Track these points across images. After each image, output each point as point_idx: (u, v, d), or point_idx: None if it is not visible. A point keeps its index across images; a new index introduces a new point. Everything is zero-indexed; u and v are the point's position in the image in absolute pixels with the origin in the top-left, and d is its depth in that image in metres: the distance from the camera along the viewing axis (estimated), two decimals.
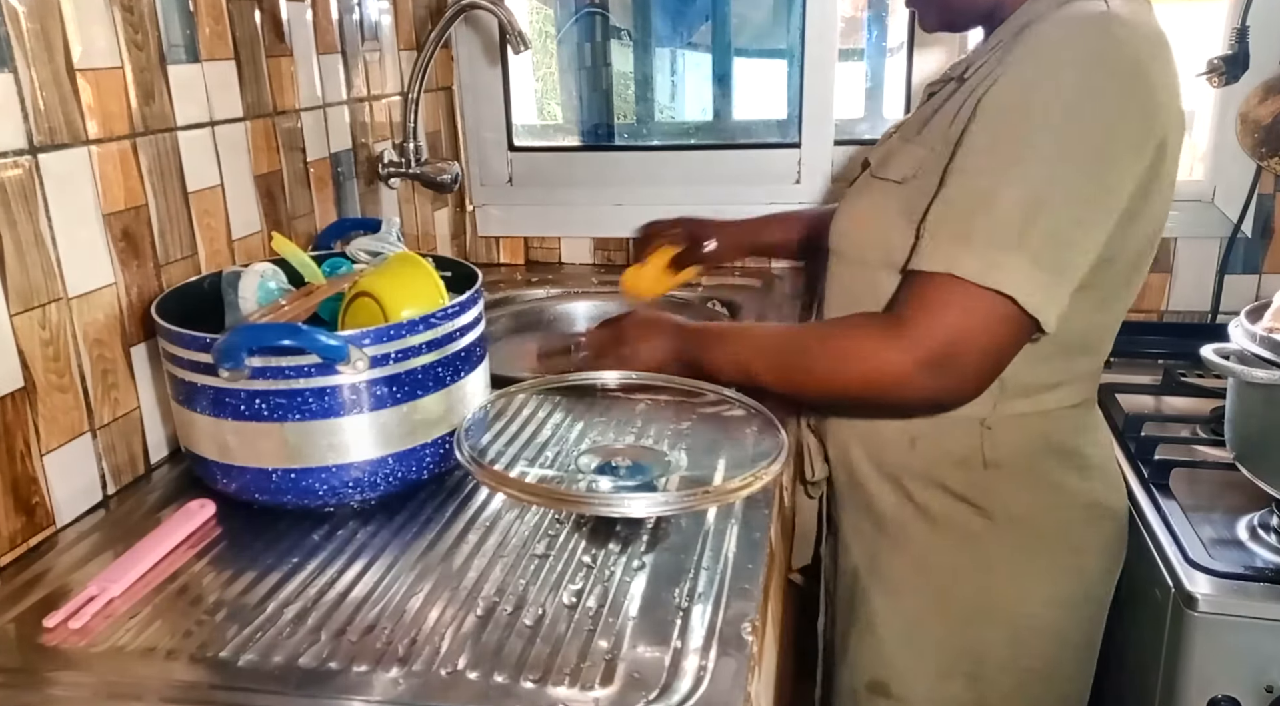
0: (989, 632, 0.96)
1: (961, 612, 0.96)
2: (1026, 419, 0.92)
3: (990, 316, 0.79)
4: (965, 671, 0.96)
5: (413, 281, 0.87)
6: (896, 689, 0.98)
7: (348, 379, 0.77)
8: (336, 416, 0.78)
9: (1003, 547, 0.94)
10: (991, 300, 0.78)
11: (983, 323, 0.79)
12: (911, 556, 0.97)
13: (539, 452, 0.92)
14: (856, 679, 1.01)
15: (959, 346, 0.79)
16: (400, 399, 0.80)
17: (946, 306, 0.79)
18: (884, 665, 0.99)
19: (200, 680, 0.62)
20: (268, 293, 0.92)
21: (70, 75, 0.81)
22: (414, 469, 0.83)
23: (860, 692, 1.01)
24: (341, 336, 0.76)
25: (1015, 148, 0.79)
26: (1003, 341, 0.81)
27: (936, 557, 0.96)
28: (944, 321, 0.79)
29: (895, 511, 0.98)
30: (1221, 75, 1.43)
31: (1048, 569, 0.95)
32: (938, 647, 0.97)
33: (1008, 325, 0.79)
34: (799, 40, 1.59)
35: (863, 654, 1.01)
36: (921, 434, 0.95)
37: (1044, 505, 0.94)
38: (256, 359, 0.75)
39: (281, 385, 0.76)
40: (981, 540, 0.94)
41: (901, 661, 0.98)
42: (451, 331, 0.83)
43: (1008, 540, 0.94)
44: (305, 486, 0.79)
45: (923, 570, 0.97)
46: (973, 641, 0.96)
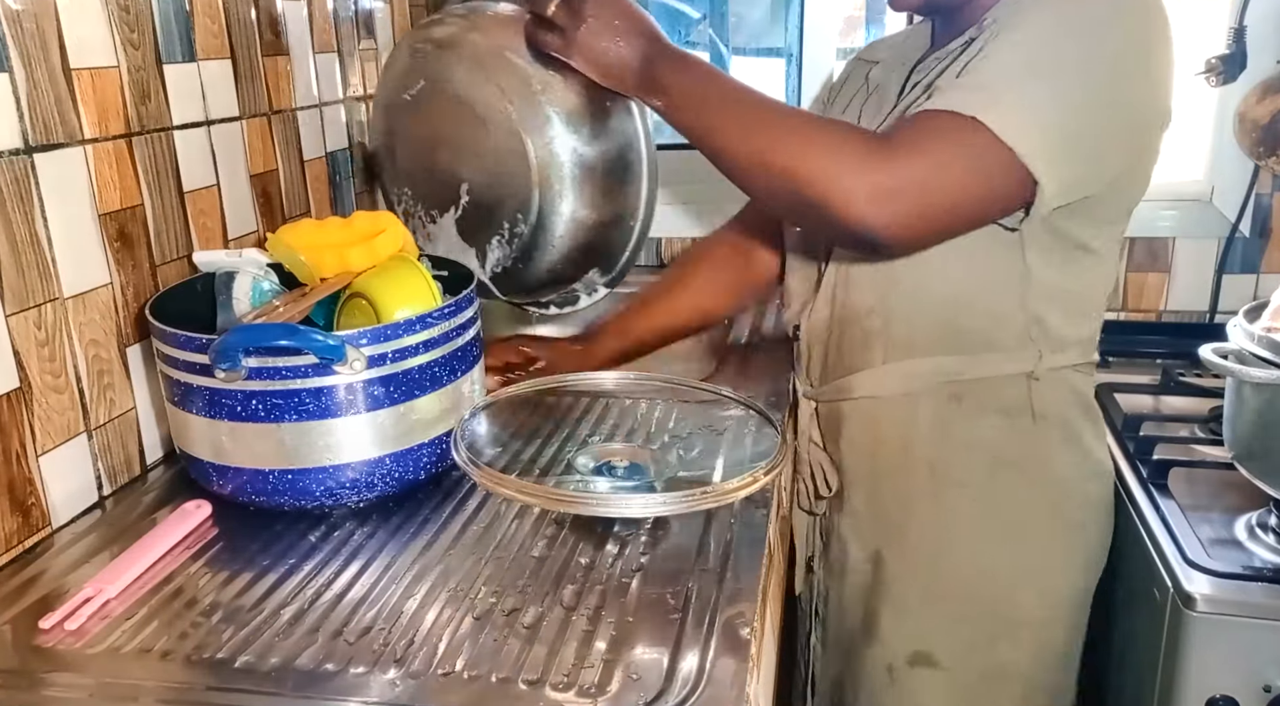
0: (1026, 596, 0.97)
1: (998, 579, 0.97)
2: (1064, 373, 0.94)
3: (984, 165, 0.75)
4: (1012, 636, 0.98)
5: (407, 282, 0.87)
6: (944, 658, 0.99)
7: (344, 379, 0.77)
8: (333, 417, 0.77)
9: (1033, 509, 0.96)
10: (995, 149, 0.74)
11: (973, 168, 0.75)
12: (944, 531, 0.97)
13: (536, 453, 0.92)
14: (891, 654, 1.01)
15: (934, 182, 0.76)
16: (397, 399, 0.80)
17: (943, 141, 0.75)
18: (922, 638, 1.00)
19: (196, 681, 0.62)
20: (261, 293, 0.92)
21: (66, 74, 0.81)
22: (411, 469, 0.83)
23: (898, 668, 1.01)
24: (339, 336, 0.75)
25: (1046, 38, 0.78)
26: (981, 197, 0.78)
27: (969, 528, 0.97)
28: (933, 155, 0.75)
29: (929, 489, 0.97)
30: (1219, 75, 1.43)
31: (1065, 526, 0.97)
32: (982, 615, 0.98)
33: (997, 179, 0.76)
34: (797, 39, 1.59)
35: (896, 632, 1.01)
36: (967, 391, 0.94)
37: (1074, 463, 0.96)
38: (253, 359, 0.75)
39: (278, 386, 0.76)
40: (1015, 504, 0.96)
41: (941, 632, 0.99)
42: (447, 331, 0.83)
43: (1038, 501, 0.96)
44: (302, 487, 0.79)
45: (957, 543, 0.97)
46: (1013, 607, 0.97)
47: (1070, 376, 0.95)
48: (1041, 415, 0.94)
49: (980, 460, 0.96)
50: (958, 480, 0.97)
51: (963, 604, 0.98)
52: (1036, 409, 0.94)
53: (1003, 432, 0.95)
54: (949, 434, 0.96)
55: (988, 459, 0.96)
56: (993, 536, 0.97)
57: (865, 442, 1.01)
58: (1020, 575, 0.97)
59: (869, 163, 0.75)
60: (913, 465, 0.98)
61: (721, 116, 0.84)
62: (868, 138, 0.79)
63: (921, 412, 0.96)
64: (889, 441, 0.99)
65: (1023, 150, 0.75)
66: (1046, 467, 0.96)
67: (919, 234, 0.80)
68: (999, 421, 0.94)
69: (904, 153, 0.75)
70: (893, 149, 0.76)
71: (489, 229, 1.03)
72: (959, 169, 0.76)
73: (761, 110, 0.84)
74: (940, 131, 0.76)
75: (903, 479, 0.99)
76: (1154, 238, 1.53)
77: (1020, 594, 0.98)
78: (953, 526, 0.97)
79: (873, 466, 1.01)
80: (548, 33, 0.91)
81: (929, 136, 0.76)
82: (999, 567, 0.97)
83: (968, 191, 0.77)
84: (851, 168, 0.75)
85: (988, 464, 0.96)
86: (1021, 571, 0.97)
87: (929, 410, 0.96)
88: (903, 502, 1.00)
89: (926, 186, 0.75)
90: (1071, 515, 0.98)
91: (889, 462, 1.00)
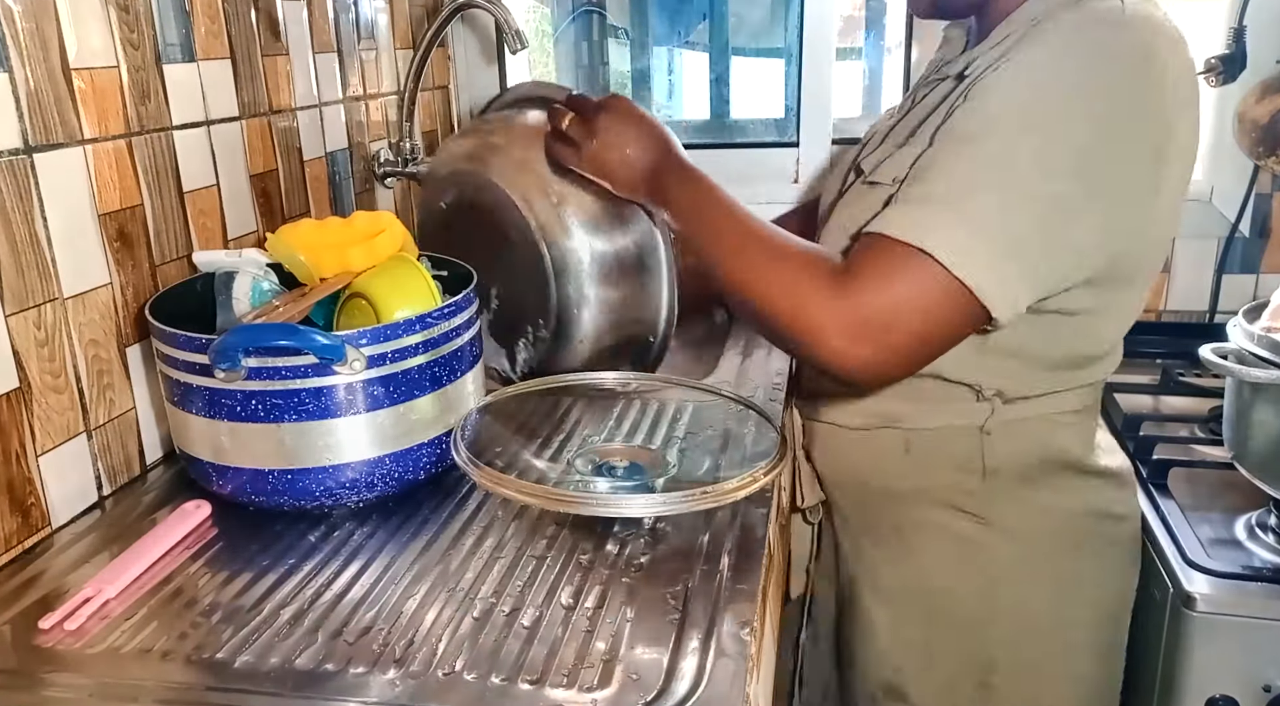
0: (994, 640, 0.94)
1: (965, 621, 0.94)
2: (1026, 424, 0.90)
3: (939, 298, 0.74)
4: (977, 678, 0.95)
5: (406, 282, 0.87)
6: (913, 694, 0.97)
7: (344, 379, 0.77)
8: (333, 417, 0.77)
9: (1001, 556, 0.92)
10: (946, 282, 0.73)
11: (929, 303, 0.74)
12: (910, 568, 0.95)
13: (535, 453, 0.92)
14: (871, 684, 1.00)
15: (896, 320, 0.75)
16: (397, 399, 0.80)
17: (897, 277, 0.74)
18: (895, 671, 0.98)
19: (196, 681, 0.62)
20: (261, 293, 0.92)
21: (66, 74, 0.81)
22: (410, 469, 0.83)
23: (878, 697, 1.00)
24: (338, 336, 0.75)
25: (1000, 133, 0.75)
26: (943, 327, 0.76)
27: (936, 568, 0.94)
28: (890, 291, 0.75)
29: (892, 523, 0.96)
30: (1219, 75, 1.43)
31: (1048, 576, 0.93)
32: (947, 655, 0.95)
33: (954, 312, 0.75)
34: (797, 39, 1.59)
35: (870, 662, 0.99)
36: (918, 441, 0.92)
37: (1043, 512, 0.92)
38: (252, 359, 0.75)
39: (278, 386, 0.76)
40: (981, 549, 0.92)
41: (911, 668, 0.97)
42: (447, 331, 0.83)
43: (1006, 548, 0.92)
44: (301, 488, 0.79)
45: (923, 581, 0.95)
46: (980, 648, 0.94)
47: (1037, 428, 0.90)
48: (993, 470, 0.90)
49: (934, 505, 0.93)
50: (916, 520, 0.94)
51: (927, 642, 0.96)
52: (988, 464, 0.90)
53: (952, 484, 0.92)
54: (903, 477, 0.94)
55: (941, 507, 0.93)
56: (955, 581, 0.94)
57: (833, 466, 1.01)
58: (987, 620, 0.94)
59: (833, 298, 0.76)
60: (873, 499, 0.97)
61: (713, 237, 0.86)
62: (831, 270, 0.78)
63: (877, 450, 0.95)
64: (851, 471, 0.99)
65: (972, 281, 0.73)
66: (1006, 523, 0.91)
67: (895, 368, 0.79)
68: (948, 473, 0.91)
69: (863, 288, 0.75)
70: (853, 284, 0.76)
71: (516, 332, 1.07)
72: (916, 304, 0.75)
73: (742, 235, 0.84)
74: (894, 264, 0.75)
75: (868, 507, 0.98)
76: None
77: (989, 640, 0.94)
78: (916, 563, 0.95)
79: (842, 490, 1.01)
80: (564, 146, 0.96)
81: (885, 271, 0.75)
82: (964, 609, 0.94)
83: (930, 323, 0.76)
84: (817, 303, 0.76)
85: (943, 510, 0.93)
86: (989, 617, 0.94)
87: (883, 450, 0.94)
88: (869, 531, 0.99)
89: (890, 325, 0.75)
90: (1054, 570, 0.93)
91: (853, 489, 0.99)
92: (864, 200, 0.88)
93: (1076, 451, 0.92)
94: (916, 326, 0.75)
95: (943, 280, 0.73)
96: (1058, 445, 0.91)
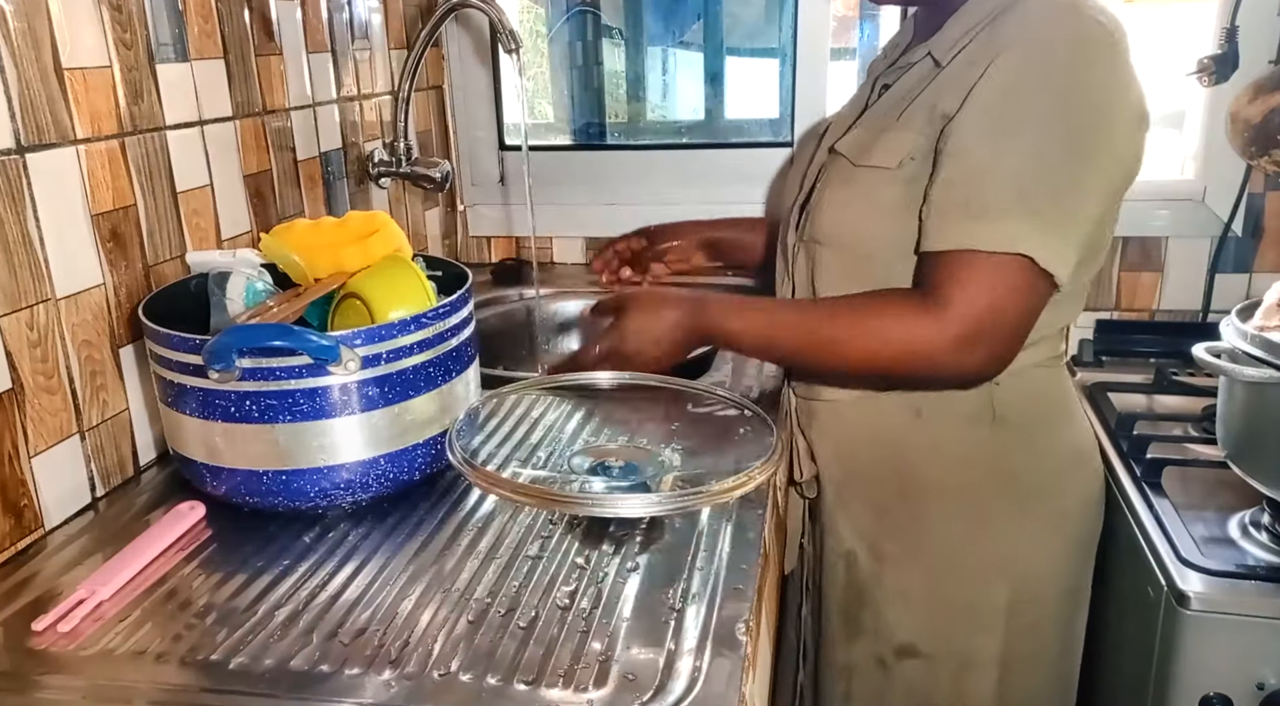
0: (998, 587, 0.99)
1: (970, 572, 0.99)
2: (1027, 371, 0.95)
3: (1016, 282, 0.82)
4: (986, 626, 1.00)
5: (401, 283, 0.87)
6: (925, 648, 1.02)
7: (339, 380, 0.76)
8: (328, 417, 0.77)
9: (999, 504, 0.97)
10: (1014, 266, 0.82)
11: (1010, 289, 0.82)
12: (915, 529, 1.00)
13: (531, 453, 0.92)
14: (881, 646, 1.04)
15: (994, 317, 0.83)
16: (391, 399, 0.79)
17: (973, 280, 0.82)
18: (907, 630, 1.02)
19: (190, 683, 0.62)
20: (255, 293, 0.92)
21: (58, 74, 0.81)
22: (406, 469, 0.82)
23: (888, 659, 1.04)
24: (333, 337, 0.75)
25: (1009, 123, 0.83)
26: (1030, 304, 0.84)
27: (939, 525, 0.99)
28: (976, 295, 0.82)
29: (896, 489, 1.00)
30: (1211, 75, 1.43)
31: (1037, 519, 0.99)
32: (956, 607, 1.00)
33: (1031, 287, 0.83)
34: (791, 39, 1.59)
35: (884, 623, 1.03)
36: (927, 405, 0.97)
37: (1039, 457, 0.98)
38: (247, 360, 0.75)
39: (272, 386, 0.75)
40: (981, 500, 0.97)
41: (924, 623, 1.02)
42: (442, 331, 0.83)
43: (1004, 496, 0.97)
44: (296, 488, 0.79)
45: (927, 540, 0.99)
46: (986, 597, 0.99)
47: (1034, 374, 0.97)
48: (1001, 418, 0.96)
49: (944, 462, 0.98)
50: (923, 481, 0.99)
51: (936, 598, 1.01)
52: (997, 412, 0.96)
53: (963, 437, 0.97)
54: (911, 439, 0.98)
55: (951, 461, 0.98)
56: (961, 534, 0.99)
57: (835, 441, 1.04)
58: (991, 569, 0.99)
59: (934, 322, 0.83)
60: (880, 466, 1.01)
61: (792, 343, 0.92)
62: (919, 298, 0.86)
63: (884, 416, 0.99)
64: (856, 442, 1.02)
65: (1052, 267, 0.82)
66: (1011, 466, 0.97)
67: (1008, 356, 0.86)
68: (959, 427, 0.97)
69: (959, 302, 0.83)
70: (949, 301, 0.83)
71: None
72: (1011, 300, 0.83)
73: (816, 321, 0.91)
74: (987, 272, 0.83)
75: (871, 478, 1.02)
76: (1147, 237, 1.53)
77: (992, 588, 0.99)
78: (921, 525, 0.99)
79: (843, 464, 1.04)
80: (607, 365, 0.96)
81: (978, 280, 0.83)
82: (968, 563, 0.99)
83: (1024, 310, 0.85)
84: (921, 333, 0.84)
85: (951, 466, 0.98)
86: (992, 566, 0.99)
87: (891, 415, 0.99)
88: (872, 502, 1.02)
89: (993, 324, 0.83)
90: (1043, 509, 0.99)
91: (857, 462, 1.03)
92: (858, 181, 0.94)
93: (1059, 396, 1.00)
94: (1013, 317, 0.84)
95: (1030, 273, 0.82)
96: (1050, 390, 0.99)
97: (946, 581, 1.00)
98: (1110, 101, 0.84)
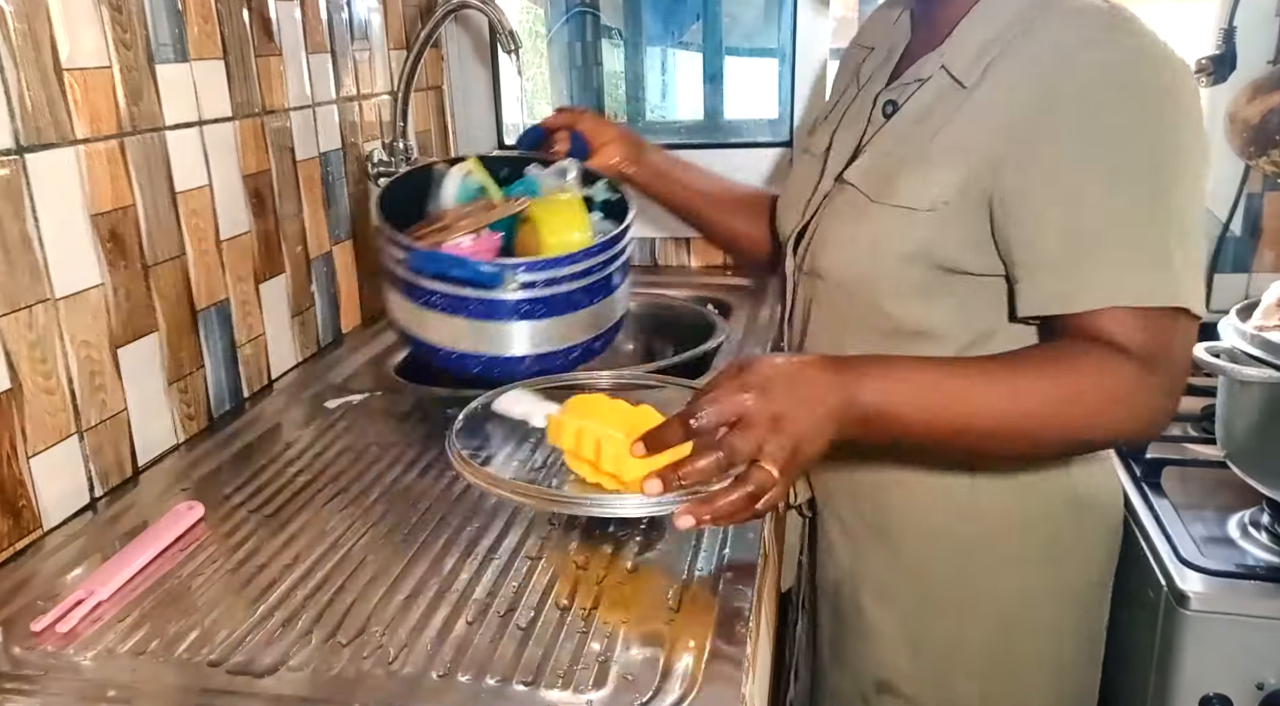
0: (981, 629, 0.95)
1: (952, 611, 0.95)
2: None
3: (1188, 333, 0.79)
4: (968, 669, 0.96)
5: (569, 219, 1.04)
6: (906, 689, 0.98)
7: (504, 295, 0.96)
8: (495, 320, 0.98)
9: (982, 545, 0.93)
10: (1182, 318, 0.78)
11: (1187, 341, 0.79)
12: (898, 561, 0.96)
13: (531, 453, 0.92)
14: (863, 681, 1.01)
15: (1181, 372, 0.79)
16: (544, 315, 0.98)
17: (1178, 338, 0.78)
18: (888, 667, 0.98)
19: (190, 683, 0.62)
20: (466, 189, 1.10)
21: (58, 74, 0.81)
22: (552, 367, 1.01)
23: (869, 695, 1.01)
24: (499, 264, 0.95)
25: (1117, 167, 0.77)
26: (1191, 351, 0.81)
27: (922, 560, 0.95)
28: (1180, 354, 0.79)
29: (880, 518, 0.97)
30: (1210, 75, 1.43)
31: (1026, 563, 0.94)
32: (938, 647, 0.96)
33: (1192, 335, 0.80)
34: (790, 39, 1.59)
35: (865, 658, 1.00)
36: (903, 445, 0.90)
37: (1026, 504, 0.93)
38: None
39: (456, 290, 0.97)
40: (963, 539, 0.93)
41: (905, 662, 0.97)
42: (590, 267, 0.99)
43: (987, 537, 0.93)
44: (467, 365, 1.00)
45: (910, 573, 0.96)
46: (969, 638, 0.95)
47: None
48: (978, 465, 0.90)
49: (922, 502, 0.94)
50: (901, 519, 0.95)
51: (915, 637, 0.97)
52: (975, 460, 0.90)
53: (942, 479, 0.92)
54: (889, 477, 0.94)
55: (930, 502, 0.93)
56: (940, 574, 0.95)
57: (823, 469, 1.00)
58: (971, 612, 0.95)
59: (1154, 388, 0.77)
60: (859, 501, 0.98)
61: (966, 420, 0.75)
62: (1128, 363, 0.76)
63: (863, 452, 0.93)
64: (841, 475, 0.99)
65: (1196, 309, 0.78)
66: (993, 511, 0.92)
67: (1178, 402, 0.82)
68: (935, 472, 0.92)
69: (1168, 363, 0.77)
70: (1156, 370, 0.76)
71: None
72: (1187, 348, 0.80)
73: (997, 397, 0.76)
74: (1173, 329, 0.78)
75: (852, 512, 0.99)
76: None
77: (972, 631, 0.95)
78: (900, 563, 0.96)
79: (829, 488, 1.01)
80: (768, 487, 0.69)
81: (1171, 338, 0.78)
82: (948, 604, 0.95)
83: (1188, 357, 0.81)
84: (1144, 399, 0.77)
85: (932, 506, 0.93)
86: (971, 609, 0.95)
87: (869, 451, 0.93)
88: (853, 536, 0.99)
89: (1180, 378, 0.79)
90: (1030, 555, 0.94)
91: (840, 494, 1.00)
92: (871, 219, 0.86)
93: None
94: (1183, 365, 0.80)
95: (1181, 319, 0.78)
96: None
97: (925, 621, 0.96)
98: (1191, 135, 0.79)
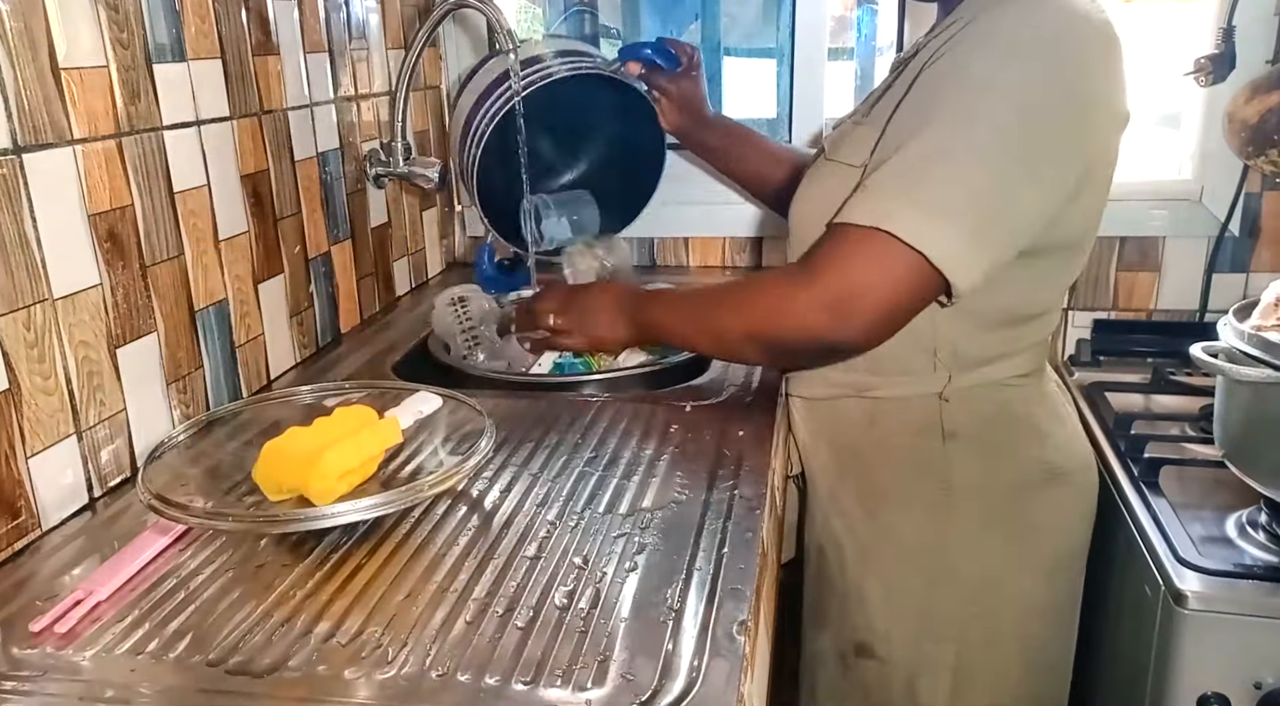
0: (957, 598, 0.98)
1: (930, 580, 0.98)
2: (981, 390, 0.95)
3: (896, 268, 0.80)
4: (942, 634, 0.99)
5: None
6: (881, 650, 1.01)
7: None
8: None
9: (959, 516, 0.96)
10: (901, 253, 0.79)
11: (888, 273, 0.80)
12: (872, 532, 1.00)
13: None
14: (842, 642, 1.04)
15: (859, 292, 0.81)
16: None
17: (854, 254, 0.81)
18: (866, 629, 1.02)
19: (188, 684, 0.62)
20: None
21: (55, 74, 0.81)
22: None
23: (848, 655, 1.04)
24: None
25: (948, 117, 0.80)
26: (905, 295, 0.82)
27: (901, 530, 0.98)
28: (848, 267, 0.82)
29: (859, 489, 1.00)
30: (1208, 75, 1.43)
31: (1002, 535, 0.97)
32: (915, 612, 0.99)
33: (913, 279, 0.80)
34: (788, 39, 1.59)
35: (845, 620, 1.03)
36: (881, 412, 0.97)
37: (999, 473, 0.96)
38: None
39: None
40: (940, 510, 0.96)
41: (882, 624, 1.01)
42: None
43: (963, 509, 0.96)
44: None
45: (890, 542, 0.99)
46: (945, 606, 0.98)
47: (991, 393, 0.95)
48: (951, 434, 0.95)
49: (898, 471, 0.98)
50: (879, 486, 0.99)
51: (891, 601, 1.00)
52: (946, 428, 0.95)
53: (917, 448, 0.97)
54: (866, 445, 0.99)
55: (906, 470, 0.98)
56: (916, 541, 0.98)
57: (807, 439, 1.05)
58: (946, 578, 0.98)
59: (800, 289, 0.83)
60: (840, 468, 1.02)
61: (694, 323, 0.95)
62: (789, 271, 0.88)
63: (844, 420, 1.00)
64: (821, 442, 1.03)
65: (933, 254, 0.79)
66: (968, 481, 0.96)
67: (878, 332, 0.85)
68: (910, 437, 0.97)
69: (825, 271, 0.83)
70: (815, 270, 0.83)
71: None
72: (881, 278, 0.81)
73: (711, 299, 0.96)
74: (855, 246, 0.81)
75: (833, 478, 1.02)
76: (1144, 237, 1.54)
77: (947, 596, 0.98)
78: (877, 528, 0.99)
79: (812, 462, 1.05)
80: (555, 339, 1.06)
81: (845, 253, 0.82)
82: (924, 570, 0.98)
83: (899, 293, 0.82)
84: (788, 301, 0.84)
85: (906, 475, 0.98)
86: (946, 575, 0.98)
87: (847, 419, 1.00)
88: (835, 501, 1.03)
89: (859, 296, 0.81)
90: (1006, 525, 0.97)
91: (822, 461, 1.04)
92: (824, 176, 0.94)
93: (1026, 415, 0.97)
94: (886, 296, 0.81)
95: (904, 254, 0.79)
96: (1011, 408, 0.96)
97: (901, 586, 0.99)
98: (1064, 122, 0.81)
